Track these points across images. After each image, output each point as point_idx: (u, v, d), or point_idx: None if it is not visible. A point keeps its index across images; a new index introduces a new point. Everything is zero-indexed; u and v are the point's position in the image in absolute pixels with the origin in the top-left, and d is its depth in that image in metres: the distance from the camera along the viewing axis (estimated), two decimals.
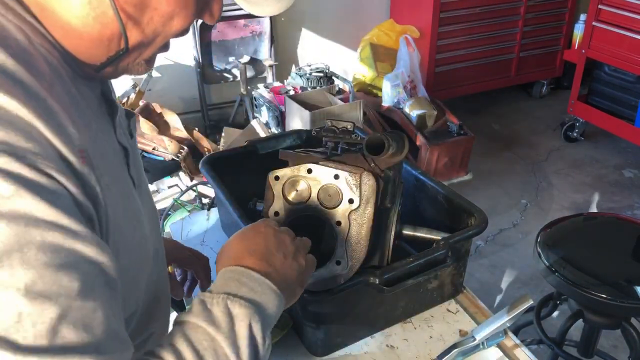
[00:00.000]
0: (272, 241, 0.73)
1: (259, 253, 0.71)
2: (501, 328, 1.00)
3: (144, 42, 0.59)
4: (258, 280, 0.67)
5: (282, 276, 0.70)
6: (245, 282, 0.66)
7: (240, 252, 0.71)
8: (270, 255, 0.71)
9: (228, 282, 0.66)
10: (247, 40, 3.56)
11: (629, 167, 3.54)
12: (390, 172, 0.97)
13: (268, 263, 0.70)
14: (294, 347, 1.05)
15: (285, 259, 0.72)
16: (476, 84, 4.07)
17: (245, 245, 0.72)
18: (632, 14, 3.18)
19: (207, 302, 0.62)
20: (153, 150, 2.57)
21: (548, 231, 1.65)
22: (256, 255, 0.70)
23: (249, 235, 0.74)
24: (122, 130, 0.71)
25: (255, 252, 0.71)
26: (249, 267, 0.68)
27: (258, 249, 0.71)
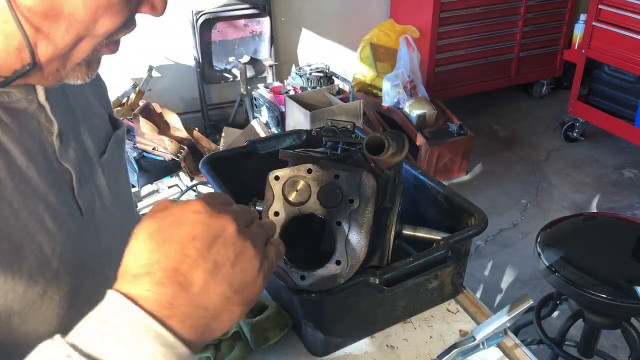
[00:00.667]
0: (199, 240, 0.46)
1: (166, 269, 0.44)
2: (501, 328, 1.00)
3: (63, 51, 0.54)
4: (140, 325, 0.43)
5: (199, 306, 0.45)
6: (116, 328, 0.42)
7: (138, 262, 0.45)
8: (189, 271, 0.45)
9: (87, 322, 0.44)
10: (247, 40, 3.56)
11: (629, 167, 3.54)
12: (390, 172, 0.97)
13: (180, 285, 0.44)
14: (294, 347, 1.05)
15: (216, 268, 0.46)
16: (476, 84, 4.07)
17: (148, 251, 0.45)
18: (632, 14, 3.18)
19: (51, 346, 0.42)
20: (153, 150, 2.57)
21: (548, 231, 1.65)
22: (161, 274, 0.44)
23: (165, 229, 0.46)
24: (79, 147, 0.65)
25: (158, 269, 0.44)
26: (134, 297, 0.44)
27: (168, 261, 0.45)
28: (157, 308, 0.44)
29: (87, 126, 0.69)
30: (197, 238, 0.46)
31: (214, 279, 0.46)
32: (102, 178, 0.69)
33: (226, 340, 1.04)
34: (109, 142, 0.72)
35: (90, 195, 0.66)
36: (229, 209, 0.50)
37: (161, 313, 0.44)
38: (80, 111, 0.70)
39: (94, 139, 0.70)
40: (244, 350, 1.03)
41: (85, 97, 0.73)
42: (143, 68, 3.27)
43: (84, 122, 0.69)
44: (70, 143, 0.64)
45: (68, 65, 0.57)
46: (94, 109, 0.74)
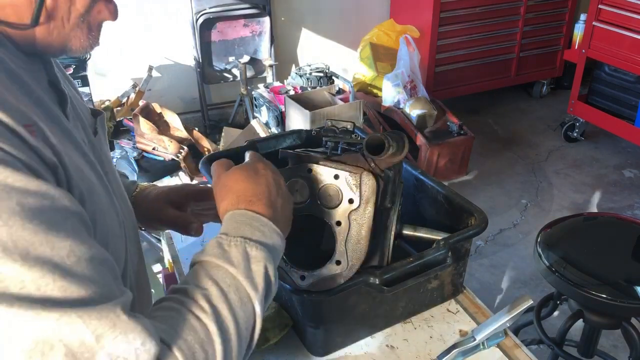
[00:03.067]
0: (272, 185, 0.75)
1: (265, 199, 0.73)
2: (501, 328, 1.00)
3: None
4: (267, 225, 0.70)
5: (283, 219, 0.75)
6: (257, 227, 0.69)
7: (247, 194, 0.73)
8: (274, 201, 0.74)
9: (241, 226, 0.69)
10: (247, 40, 3.56)
11: (629, 167, 3.55)
12: (390, 172, 0.97)
13: (273, 209, 0.73)
14: (294, 347, 1.05)
15: (283, 202, 0.76)
16: (476, 84, 4.07)
17: (250, 188, 0.73)
18: (632, 14, 3.18)
19: (224, 244, 0.66)
20: (153, 150, 2.57)
21: (548, 231, 1.65)
22: (263, 201, 0.72)
23: (251, 175, 0.75)
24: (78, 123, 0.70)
25: (261, 198, 0.73)
26: (258, 212, 0.71)
27: (263, 194, 0.73)
28: (272, 219, 0.72)
29: (79, 107, 0.75)
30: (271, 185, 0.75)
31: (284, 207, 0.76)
32: (100, 154, 0.75)
33: None
34: (96, 125, 0.78)
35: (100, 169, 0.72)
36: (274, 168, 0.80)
37: (274, 222, 0.72)
38: (71, 94, 0.74)
39: (86, 120, 0.75)
40: None
41: (69, 87, 0.77)
42: (143, 68, 3.27)
43: (77, 104, 0.74)
44: (76, 118, 0.70)
45: (72, 18, 0.61)
46: (77, 97, 0.79)
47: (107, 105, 3.05)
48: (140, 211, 0.94)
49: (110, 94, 3.24)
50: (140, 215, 0.94)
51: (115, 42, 3.27)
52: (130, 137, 2.71)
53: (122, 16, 0.71)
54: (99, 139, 0.77)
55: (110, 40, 3.16)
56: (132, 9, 3.30)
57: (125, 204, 0.81)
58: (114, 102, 3.18)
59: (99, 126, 0.78)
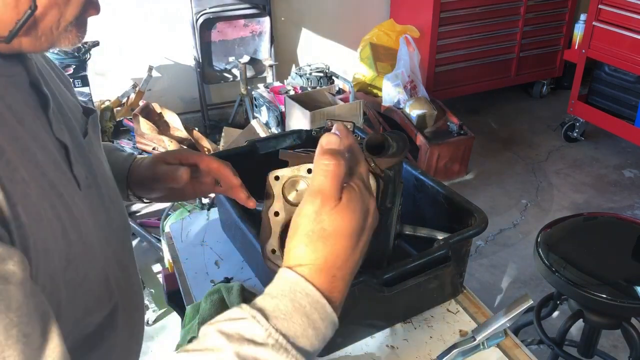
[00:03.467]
0: (366, 246, 0.60)
1: (350, 274, 0.58)
2: (501, 328, 1.00)
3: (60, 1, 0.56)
4: (328, 318, 0.55)
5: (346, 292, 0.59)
6: (314, 321, 0.54)
7: (336, 262, 0.56)
8: (351, 274, 0.59)
9: (294, 316, 0.53)
10: (247, 40, 3.56)
11: (629, 167, 3.55)
12: (391, 172, 0.96)
13: (345, 287, 0.58)
14: None
15: (355, 267, 0.60)
16: (476, 84, 4.07)
17: (344, 253, 0.56)
18: (632, 14, 3.18)
19: (257, 337, 0.51)
20: (153, 150, 2.57)
21: (548, 231, 1.65)
22: (346, 277, 0.57)
23: (357, 230, 0.57)
24: (62, 126, 0.68)
25: (346, 274, 0.57)
26: (328, 296, 0.55)
27: (352, 266, 0.58)
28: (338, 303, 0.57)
29: (67, 109, 0.73)
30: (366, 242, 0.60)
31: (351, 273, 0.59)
32: (89, 157, 0.73)
33: None
34: (87, 125, 0.76)
35: (83, 172, 0.69)
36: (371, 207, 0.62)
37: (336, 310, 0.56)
38: (59, 94, 0.72)
39: (75, 122, 0.73)
40: None
41: (59, 84, 0.76)
42: (143, 68, 3.27)
43: (64, 105, 0.72)
44: (60, 120, 0.68)
45: (62, 23, 0.59)
46: (67, 96, 0.77)
47: (107, 105, 3.05)
48: (136, 180, 0.94)
49: (110, 94, 3.24)
50: (137, 184, 0.94)
51: (115, 42, 3.27)
52: (130, 137, 2.72)
53: (122, 16, 0.71)
54: (89, 140, 0.75)
55: (110, 40, 3.17)
56: (132, 9, 3.30)
57: (115, 205, 0.80)
58: (114, 102, 3.18)
59: (90, 126, 0.77)
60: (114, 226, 0.77)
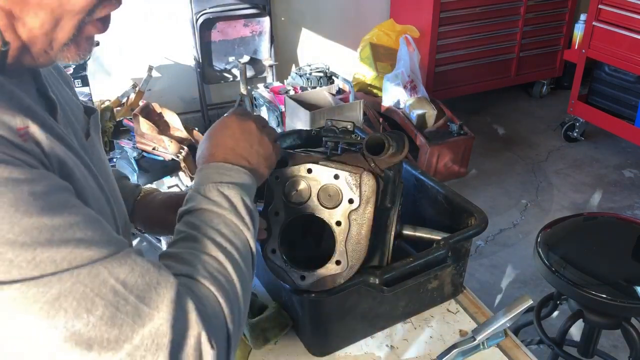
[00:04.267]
0: (237, 133, 0.80)
1: (226, 146, 0.78)
2: (501, 328, 1.00)
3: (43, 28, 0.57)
4: (231, 168, 0.76)
5: (249, 162, 0.79)
6: (223, 172, 0.75)
7: (210, 149, 0.78)
8: (236, 146, 0.79)
9: (208, 176, 0.74)
10: (247, 40, 3.56)
11: (629, 167, 3.55)
12: (390, 172, 0.97)
13: (235, 153, 0.78)
14: (294, 347, 1.05)
15: (251, 147, 0.80)
16: (476, 84, 4.07)
17: (213, 142, 0.79)
18: (632, 14, 3.18)
19: (200, 192, 0.71)
20: (153, 150, 2.57)
21: (548, 231, 1.65)
22: (224, 149, 0.78)
23: (216, 131, 0.81)
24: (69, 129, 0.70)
25: (223, 146, 0.78)
26: (220, 161, 0.77)
27: (225, 143, 0.79)
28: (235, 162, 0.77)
29: (70, 112, 0.74)
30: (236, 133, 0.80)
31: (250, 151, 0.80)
32: (92, 158, 0.74)
33: None
34: (89, 126, 0.78)
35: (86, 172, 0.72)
36: (253, 116, 0.84)
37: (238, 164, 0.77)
38: (62, 97, 0.74)
39: (78, 123, 0.75)
40: (244, 350, 1.03)
41: (62, 86, 0.77)
42: (143, 68, 3.27)
43: (67, 108, 0.74)
44: (67, 124, 0.70)
45: (55, 46, 0.60)
46: (70, 97, 0.78)
47: (107, 105, 3.05)
48: (143, 216, 0.94)
49: (110, 94, 3.24)
50: (143, 220, 0.95)
51: (115, 42, 3.27)
52: (130, 137, 2.71)
53: (122, 16, 0.71)
54: (91, 142, 0.77)
55: (110, 40, 3.17)
56: (132, 9, 3.29)
57: (119, 207, 0.81)
58: (114, 102, 3.18)
59: (92, 126, 0.79)
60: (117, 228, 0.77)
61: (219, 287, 0.63)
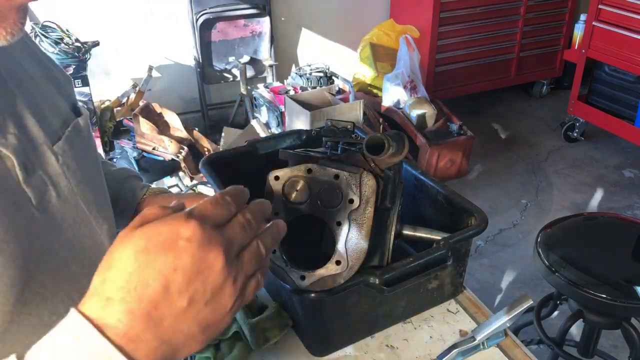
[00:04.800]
0: (183, 275, 0.45)
1: (145, 298, 0.44)
2: (501, 328, 1.00)
3: None
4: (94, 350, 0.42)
5: (164, 342, 0.45)
6: None
7: (118, 283, 0.44)
8: (165, 305, 0.44)
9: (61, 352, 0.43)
10: (247, 40, 3.56)
11: (629, 167, 3.55)
12: (390, 172, 0.97)
13: (153, 322, 0.44)
14: (294, 347, 1.05)
15: (190, 308, 0.45)
16: (476, 84, 4.07)
17: (132, 272, 0.44)
18: (632, 14, 3.18)
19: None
20: (153, 150, 2.57)
21: (548, 231, 1.65)
22: (139, 301, 0.44)
23: (151, 250, 0.45)
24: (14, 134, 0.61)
25: (140, 296, 0.44)
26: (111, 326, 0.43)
27: (149, 289, 0.44)
28: (124, 342, 0.43)
29: (32, 113, 0.64)
30: (179, 270, 0.44)
31: (185, 316, 0.45)
32: (57, 167, 0.64)
33: (226, 340, 1.04)
34: (67, 130, 0.67)
35: (42, 185, 0.61)
36: (223, 237, 0.47)
37: (127, 347, 0.43)
38: (22, 97, 0.64)
39: (44, 127, 0.64)
40: (244, 350, 1.03)
41: (35, 84, 0.68)
42: (143, 68, 3.27)
43: (28, 109, 0.63)
44: (8, 129, 0.59)
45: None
46: (45, 97, 0.69)
47: (107, 105, 3.05)
48: None
49: (110, 94, 3.24)
50: None
51: (115, 42, 3.27)
52: (130, 137, 2.72)
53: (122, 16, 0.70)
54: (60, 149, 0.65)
55: (110, 41, 3.17)
56: (132, 8, 3.30)
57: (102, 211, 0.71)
58: (114, 102, 3.18)
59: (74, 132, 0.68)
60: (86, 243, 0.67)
61: None
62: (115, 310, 0.43)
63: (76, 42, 2.82)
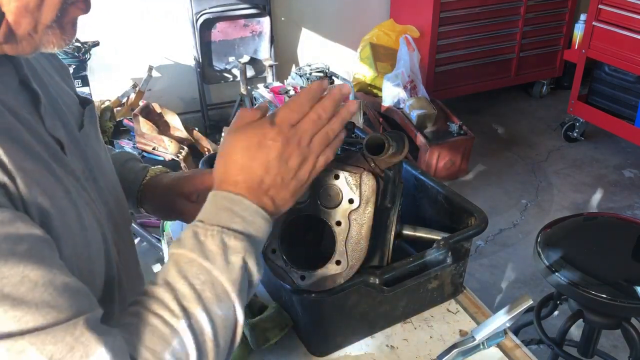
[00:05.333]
0: (275, 162, 0.66)
1: (253, 181, 0.65)
2: (501, 328, 1.00)
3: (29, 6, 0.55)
4: (250, 209, 0.64)
5: (274, 202, 0.67)
6: (238, 213, 0.64)
7: (233, 171, 0.66)
8: (265, 177, 0.66)
9: (220, 213, 0.63)
10: (247, 40, 3.56)
11: (629, 167, 3.55)
12: (390, 172, 0.97)
13: (264, 190, 0.66)
14: (294, 347, 1.05)
15: (283, 181, 0.67)
16: (476, 84, 4.07)
17: (241, 164, 0.65)
18: (632, 14, 3.18)
19: (200, 234, 0.62)
20: (153, 150, 2.57)
21: (548, 231, 1.65)
22: (250, 178, 0.65)
23: (250, 147, 0.66)
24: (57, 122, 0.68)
25: (249, 174, 0.65)
26: (242, 194, 0.65)
27: (253, 169, 0.65)
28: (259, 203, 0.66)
29: (62, 103, 0.72)
30: (271, 160, 0.66)
31: (281, 186, 0.67)
32: (85, 150, 0.72)
33: None
34: (83, 117, 0.75)
35: (79, 166, 0.69)
36: (297, 132, 0.67)
37: (262, 206, 0.66)
38: (53, 88, 0.72)
39: (71, 115, 0.72)
40: (244, 350, 1.03)
41: (52, 77, 0.75)
42: (143, 68, 3.27)
43: (59, 99, 0.72)
44: (54, 116, 0.68)
45: (39, 28, 0.58)
46: (63, 88, 0.76)
47: (107, 105, 3.05)
48: (149, 200, 0.92)
49: (110, 94, 3.24)
50: (149, 204, 0.93)
51: (115, 42, 3.27)
52: (130, 137, 2.72)
53: (122, 16, 0.71)
54: (85, 134, 0.74)
55: (110, 41, 3.17)
56: (132, 9, 3.30)
57: (114, 196, 0.79)
58: (114, 102, 3.18)
59: (87, 117, 0.75)
60: (114, 219, 0.76)
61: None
62: (244, 186, 0.66)
63: (76, 42, 2.82)
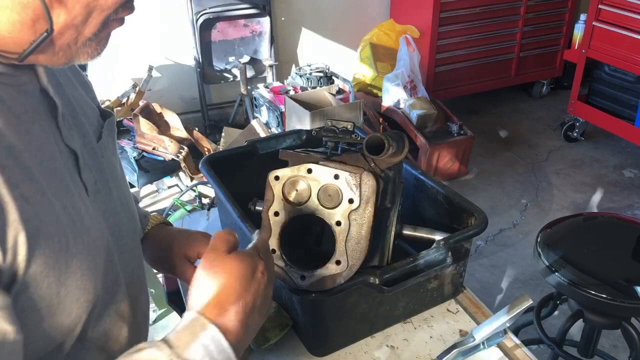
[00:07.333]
0: (259, 296, 0.66)
1: (242, 313, 0.64)
2: (501, 328, 1.00)
3: (76, 20, 0.56)
4: (224, 352, 0.61)
5: (248, 335, 0.66)
6: (211, 353, 0.59)
7: (226, 300, 0.63)
8: (250, 316, 0.65)
9: (195, 347, 0.59)
10: (247, 40, 3.56)
11: (629, 167, 3.55)
12: (390, 172, 0.97)
13: (245, 327, 0.64)
14: (294, 347, 1.05)
15: (260, 318, 0.68)
16: (476, 84, 4.07)
17: (235, 293, 0.64)
18: (632, 14, 3.18)
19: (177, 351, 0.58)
20: (153, 150, 2.57)
21: (548, 231, 1.65)
22: (238, 316, 0.63)
23: (245, 277, 0.65)
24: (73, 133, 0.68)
25: (239, 311, 0.63)
26: (227, 330, 0.62)
27: (244, 307, 0.64)
28: (237, 344, 0.63)
29: (82, 114, 0.73)
30: (258, 298, 0.66)
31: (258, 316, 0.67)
32: (101, 161, 0.73)
33: None
34: (102, 129, 0.76)
35: (92, 177, 0.70)
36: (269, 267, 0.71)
37: (238, 345, 0.63)
38: (74, 99, 0.72)
39: (90, 126, 0.73)
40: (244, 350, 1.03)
41: (75, 88, 0.76)
42: (143, 68, 3.27)
43: (79, 110, 0.72)
44: (72, 126, 0.68)
45: (80, 40, 0.59)
46: (85, 100, 0.77)
47: (107, 105, 3.05)
48: (148, 251, 0.91)
49: (110, 94, 3.24)
50: (149, 256, 0.92)
51: (115, 42, 3.26)
52: (130, 137, 2.71)
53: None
54: (102, 145, 0.74)
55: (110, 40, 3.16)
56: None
57: (126, 209, 0.79)
58: (114, 102, 3.18)
59: (106, 130, 0.76)
60: (125, 230, 0.76)
61: None
62: (232, 318, 0.63)
63: None
